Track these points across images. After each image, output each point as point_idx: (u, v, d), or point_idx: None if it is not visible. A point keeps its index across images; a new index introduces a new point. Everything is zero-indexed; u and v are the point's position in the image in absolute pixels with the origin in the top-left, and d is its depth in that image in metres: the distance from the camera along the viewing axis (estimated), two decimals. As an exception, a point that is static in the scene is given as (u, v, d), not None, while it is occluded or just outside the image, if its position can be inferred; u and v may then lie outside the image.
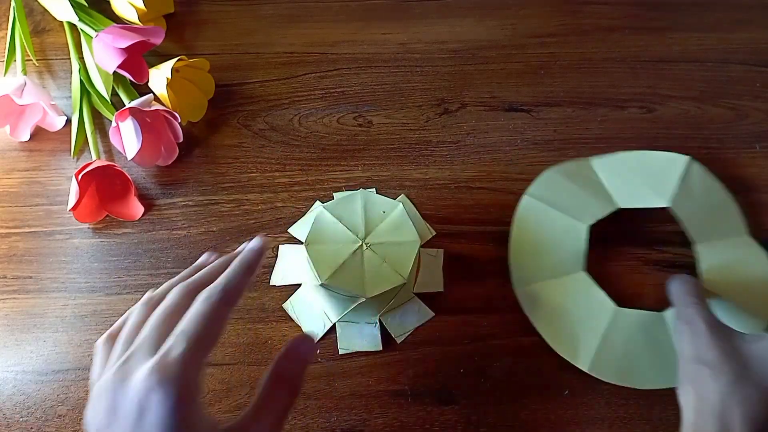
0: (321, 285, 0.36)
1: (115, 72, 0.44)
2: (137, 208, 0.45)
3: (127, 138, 0.44)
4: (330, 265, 0.36)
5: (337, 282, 0.36)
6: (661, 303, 0.44)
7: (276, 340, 0.42)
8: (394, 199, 0.39)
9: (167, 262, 0.44)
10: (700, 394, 0.32)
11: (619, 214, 0.44)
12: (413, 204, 0.46)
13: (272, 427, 0.27)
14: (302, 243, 0.37)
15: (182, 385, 0.23)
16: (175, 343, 0.24)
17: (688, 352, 0.34)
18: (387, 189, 0.47)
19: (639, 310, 0.41)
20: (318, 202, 0.46)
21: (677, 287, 0.38)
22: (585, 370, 0.40)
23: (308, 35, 0.53)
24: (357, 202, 0.38)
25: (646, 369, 0.40)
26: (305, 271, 0.40)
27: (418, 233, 0.37)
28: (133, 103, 0.44)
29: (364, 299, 0.36)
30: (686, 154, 0.48)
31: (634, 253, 0.46)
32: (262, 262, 0.30)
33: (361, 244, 0.37)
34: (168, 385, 0.23)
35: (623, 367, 0.40)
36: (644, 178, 0.45)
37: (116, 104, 0.48)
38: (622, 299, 0.44)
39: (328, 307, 0.41)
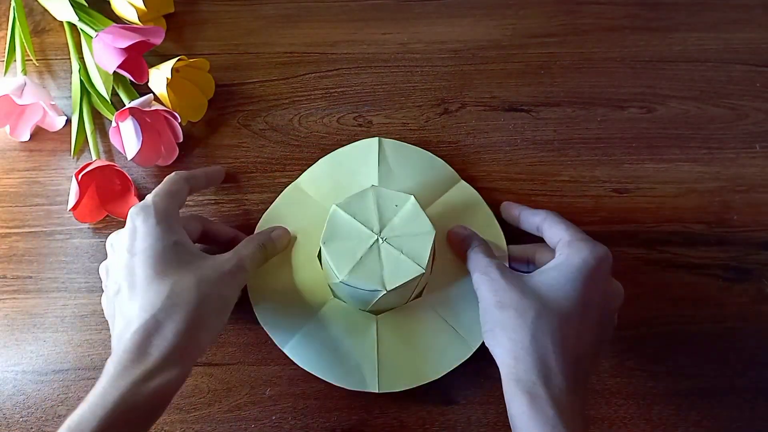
0: (340, 282, 0.36)
1: (115, 72, 0.44)
2: (137, 208, 0.45)
3: (127, 138, 0.44)
4: (348, 262, 0.36)
5: (356, 278, 0.36)
6: (661, 303, 0.44)
7: (276, 340, 0.42)
8: None
9: (167, 262, 0.44)
10: (512, 337, 0.33)
11: None
12: None
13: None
14: None
15: (156, 210, 0.34)
16: (151, 194, 0.36)
17: (490, 299, 0.35)
18: (387, 189, 0.47)
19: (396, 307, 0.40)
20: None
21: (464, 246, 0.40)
22: (377, 391, 0.39)
23: (308, 35, 0.53)
24: (369, 198, 0.38)
25: (439, 352, 0.40)
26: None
27: None
28: (133, 103, 0.44)
29: (384, 293, 0.36)
30: (686, 154, 0.48)
31: (634, 253, 0.46)
32: (221, 178, 0.45)
33: (377, 239, 0.37)
34: (145, 209, 0.35)
35: (412, 366, 0.39)
36: (346, 176, 0.44)
37: (116, 104, 0.48)
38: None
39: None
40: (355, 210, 0.38)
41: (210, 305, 0.33)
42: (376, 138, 0.45)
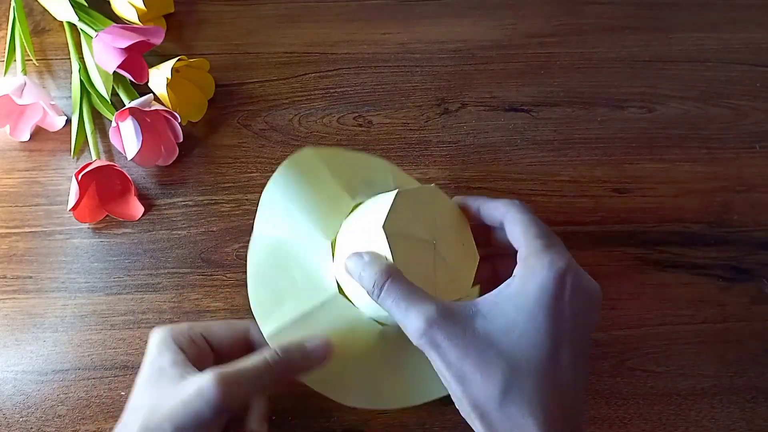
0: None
1: (115, 72, 0.44)
2: (137, 208, 0.45)
3: (127, 138, 0.44)
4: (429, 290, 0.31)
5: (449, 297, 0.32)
6: (660, 303, 0.44)
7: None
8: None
9: (167, 262, 0.44)
10: (484, 419, 0.29)
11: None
12: None
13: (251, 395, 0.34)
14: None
15: (158, 330, 0.34)
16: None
17: (445, 374, 0.30)
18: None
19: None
20: None
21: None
22: (353, 405, 0.35)
23: (308, 35, 0.53)
24: (407, 207, 0.33)
25: (422, 380, 0.36)
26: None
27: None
28: (133, 103, 0.44)
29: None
30: (686, 154, 0.48)
31: (634, 253, 0.46)
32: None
33: (433, 245, 0.33)
34: (155, 329, 0.34)
35: (395, 388, 0.37)
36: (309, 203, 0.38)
37: (116, 104, 0.48)
38: (622, 299, 0.44)
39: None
40: (406, 224, 0.32)
41: None
42: (308, 149, 0.39)
